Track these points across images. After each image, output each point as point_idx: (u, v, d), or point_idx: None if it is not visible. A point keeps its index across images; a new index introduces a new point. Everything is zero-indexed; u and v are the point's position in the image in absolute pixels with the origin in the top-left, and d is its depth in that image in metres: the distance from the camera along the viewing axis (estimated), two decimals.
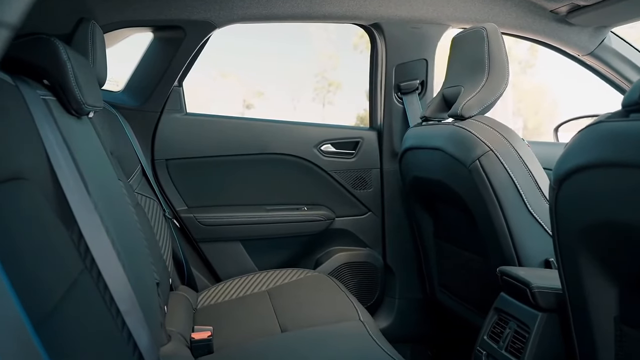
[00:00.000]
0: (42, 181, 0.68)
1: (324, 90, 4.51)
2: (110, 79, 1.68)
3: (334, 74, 4.66)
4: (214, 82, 4.23)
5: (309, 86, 4.54)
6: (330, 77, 4.44)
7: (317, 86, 4.51)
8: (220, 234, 1.74)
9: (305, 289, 1.48)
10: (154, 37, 1.63)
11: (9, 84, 0.68)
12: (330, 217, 1.84)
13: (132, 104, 1.64)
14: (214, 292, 1.51)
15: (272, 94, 4.58)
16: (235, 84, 4.48)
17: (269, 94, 4.40)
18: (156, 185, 1.62)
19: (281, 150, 1.78)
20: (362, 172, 1.86)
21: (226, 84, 4.38)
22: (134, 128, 1.57)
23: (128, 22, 1.50)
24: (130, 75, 1.68)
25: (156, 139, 1.67)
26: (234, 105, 5.57)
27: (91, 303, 0.69)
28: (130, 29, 1.56)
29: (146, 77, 1.65)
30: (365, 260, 1.86)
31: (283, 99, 5.02)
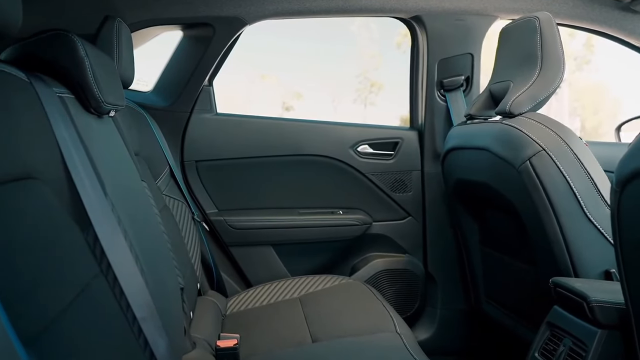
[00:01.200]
0: (56, 181, 0.67)
1: (366, 91, 4.47)
2: (139, 79, 1.70)
3: (376, 74, 4.61)
4: (253, 83, 4.27)
5: (350, 87, 4.51)
6: (372, 77, 4.39)
7: (359, 87, 4.47)
8: (251, 238, 1.73)
9: (339, 297, 1.44)
10: (184, 35, 1.64)
11: (22, 80, 0.68)
12: (367, 221, 1.80)
13: (161, 104, 1.66)
14: (244, 298, 1.49)
15: (311, 96, 4.58)
16: (274, 85, 4.52)
17: (308, 95, 4.40)
18: (185, 188, 1.62)
19: (315, 152, 1.76)
20: (402, 174, 1.81)
21: (265, 85, 4.42)
22: (163, 129, 1.58)
23: (156, 20, 1.51)
24: (159, 75, 1.70)
25: (186, 139, 1.68)
26: (272, 107, 5.62)
27: (105, 308, 0.68)
28: (159, 27, 1.57)
29: (175, 76, 1.66)
30: (405, 268, 1.81)
31: (323, 100, 5.00)
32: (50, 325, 0.53)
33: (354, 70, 4.59)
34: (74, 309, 0.59)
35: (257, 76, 4.28)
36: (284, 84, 4.43)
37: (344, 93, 4.46)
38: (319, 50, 4.52)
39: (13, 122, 0.60)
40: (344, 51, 4.36)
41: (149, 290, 0.79)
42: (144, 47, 1.68)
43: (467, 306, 1.77)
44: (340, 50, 4.34)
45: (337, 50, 4.38)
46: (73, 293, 0.60)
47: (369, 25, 3.99)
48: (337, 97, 4.54)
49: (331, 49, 4.51)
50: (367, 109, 4.78)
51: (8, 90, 0.63)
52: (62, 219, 0.65)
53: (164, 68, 1.68)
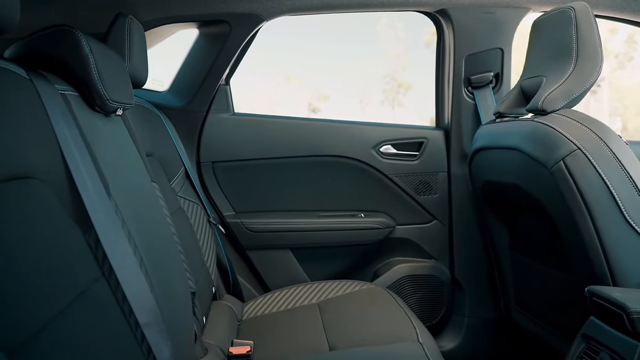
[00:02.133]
0: (56, 181, 0.66)
1: (393, 92, 4.42)
2: (155, 78, 1.70)
3: (404, 75, 4.56)
4: (278, 86, 4.29)
5: (378, 88, 4.47)
6: (399, 77, 4.34)
7: (386, 88, 4.43)
8: (269, 241, 1.71)
9: (359, 303, 1.41)
10: (199, 33, 1.64)
11: (22, 77, 0.67)
12: (390, 225, 1.76)
13: (177, 104, 1.65)
14: (261, 303, 1.47)
15: (338, 97, 4.58)
16: (300, 87, 4.53)
17: (335, 97, 4.39)
18: (201, 189, 1.62)
19: (336, 152, 1.73)
20: (427, 175, 1.78)
21: (291, 87, 4.44)
22: (179, 129, 1.58)
23: (171, 17, 1.50)
24: (175, 75, 1.70)
25: (202, 140, 1.67)
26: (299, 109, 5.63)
27: (107, 313, 0.66)
28: (174, 25, 1.56)
29: (191, 75, 1.65)
30: (430, 274, 1.77)
31: (350, 101, 4.98)
32: (42, 330, 0.52)
33: (380, 70, 4.55)
34: (71, 313, 0.57)
35: (282, 78, 4.30)
36: (310, 85, 4.43)
37: (371, 94, 4.43)
38: (345, 51, 4.50)
39: (11, 120, 0.60)
40: (371, 51, 4.33)
41: (154, 295, 0.77)
42: (160, 46, 1.69)
43: (496, 314, 1.73)
44: (366, 51, 4.31)
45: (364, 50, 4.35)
46: (71, 296, 0.59)
47: (395, 24, 3.95)
48: (364, 98, 4.51)
49: (357, 50, 4.48)
50: (395, 110, 4.73)
51: (6, 87, 0.62)
52: (62, 220, 0.64)
53: (179, 67, 1.68)
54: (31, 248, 0.55)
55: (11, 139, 0.58)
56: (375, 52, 4.34)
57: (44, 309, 0.54)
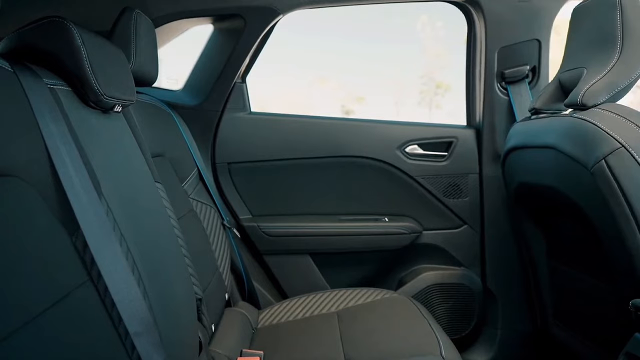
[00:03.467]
0: (40, 179, 0.64)
1: (431, 93, 4.35)
2: (170, 76, 1.69)
3: (443, 75, 4.49)
4: (311, 87, 4.30)
5: (414, 89, 4.42)
6: (438, 78, 4.27)
7: (423, 88, 4.36)
8: (287, 246, 1.69)
9: (381, 313, 1.36)
10: (214, 28, 1.62)
11: (4, 70, 0.65)
12: (416, 230, 1.72)
13: (191, 102, 1.64)
14: (277, 311, 1.44)
15: (373, 99, 4.55)
16: (334, 89, 4.53)
17: (370, 98, 4.36)
18: (216, 191, 1.60)
19: (358, 153, 1.70)
20: (457, 177, 1.72)
21: (324, 89, 4.44)
22: (193, 129, 1.57)
23: (182, 12, 1.49)
24: (190, 72, 1.69)
25: (217, 140, 1.66)
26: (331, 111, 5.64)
27: (92, 321, 0.64)
28: (188, 20, 1.54)
29: (206, 73, 1.64)
30: (460, 282, 1.71)
31: (385, 103, 4.95)
32: (13, 334, 0.50)
33: (417, 70, 4.50)
34: (48, 318, 0.55)
35: (315, 80, 4.31)
36: (344, 87, 4.43)
37: (408, 95, 4.39)
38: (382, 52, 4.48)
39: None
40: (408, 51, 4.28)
41: (147, 302, 0.75)
42: (176, 43, 1.68)
43: (532, 327, 1.66)
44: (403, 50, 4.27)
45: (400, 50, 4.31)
46: (48, 301, 0.56)
47: (434, 22, 3.90)
48: (400, 99, 4.47)
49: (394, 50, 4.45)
50: (432, 111, 4.66)
51: None
52: (45, 220, 0.62)
53: (194, 65, 1.67)
54: (5, 248, 0.53)
55: None
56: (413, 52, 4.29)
57: (16, 312, 0.52)
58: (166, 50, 1.64)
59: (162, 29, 1.47)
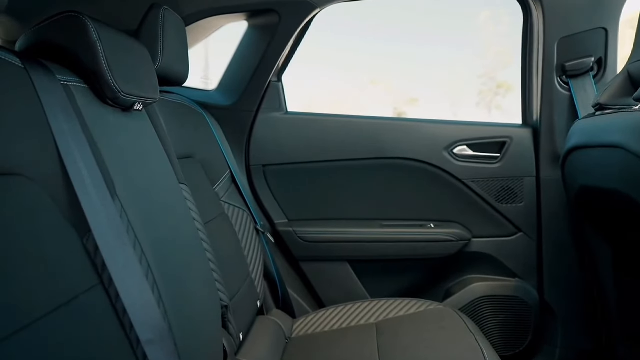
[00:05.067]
0: (49, 178, 0.64)
1: (491, 93, 4.23)
2: (204, 76, 1.70)
3: (504, 74, 4.36)
4: (360, 90, 4.30)
5: (473, 89, 4.32)
6: (498, 77, 4.16)
7: (482, 89, 4.26)
8: (325, 252, 1.66)
9: (423, 326, 1.31)
10: (248, 25, 1.62)
11: (15, 66, 0.65)
12: (465, 237, 1.66)
13: (225, 102, 1.65)
14: (313, 320, 1.42)
15: (427, 100, 4.50)
16: (385, 91, 4.51)
17: (424, 100, 4.31)
18: (251, 194, 1.60)
19: (402, 154, 1.65)
20: (511, 181, 1.65)
21: (375, 91, 4.43)
22: (227, 130, 1.57)
23: (215, 9, 1.49)
24: (224, 71, 1.69)
25: (252, 141, 1.65)
26: (382, 113, 5.62)
27: (101, 327, 0.64)
28: (220, 17, 1.54)
29: (240, 72, 1.64)
30: (513, 295, 1.64)
31: (441, 105, 4.87)
32: (10, 338, 0.50)
33: (476, 70, 4.40)
34: (51, 323, 0.55)
35: (365, 82, 4.30)
36: (396, 89, 4.40)
37: (465, 96, 4.30)
38: (436, 53, 4.41)
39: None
40: (466, 49, 4.20)
41: (164, 309, 0.74)
42: (212, 42, 1.69)
43: (595, 346, 1.57)
44: (461, 49, 4.19)
45: (457, 49, 4.24)
46: (51, 304, 0.56)
47: (499, 17, 3.80)
48: (457, 101, 4.38)
49: (450, 49, 4.38)
50: (492, 113, 4.54)
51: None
52: (54, 221, 0.62)
53: (228, 63, 1.67)
54: (8, 248, 0.54)
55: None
56: (471, 51, 4.20)
57: (17, 313, 0.52)
58: (200, 49, 1.66)
59: (195, 27, 1.48)
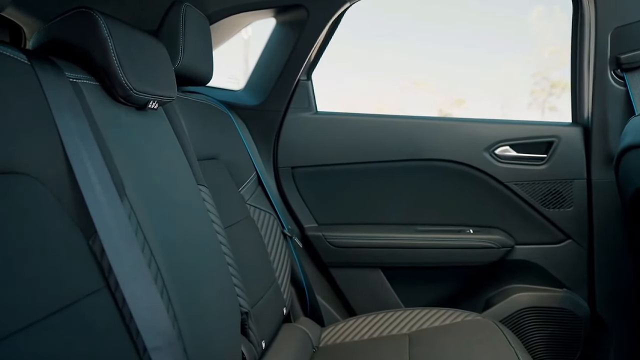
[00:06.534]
0: (55, 177, 0.65)
1: (544, 93, 4.11)
2: (231, 76, 1.71)
3: (559, 74, 4.23)
4: (404, 91, 4.27)
5: (525, 89, 4.22)
6: (553, 77, 4.03)
7: (535, 89, 4.14)
8: (356, 258, 1.64)
9: (459, 338, 1.27)
10: (276, 22, 1.61)
11: (20, 63, 0.66)
12: (507, 244, 1.60)
13: (252, 102, 1.65)
14: (342, 329, 1.40)
15: (476, 102, 4.42)
16: (430, 92, 4.46)
17: (472, 101, 4.24)
18: (279, 198, 1.60)
19: (439, 156, 1.62)
20: (558, 183, 1.59)
21: (419, 92, 4.39)
22: (254, 130, 1.57)
23: (241, 5, 1.48)
24: (251, 70, 1.69)
25: (280, 142, 1.65)
26: (426, 114, 5.59)
27: (106, 331, 0.64)
28: (246, 14, 1.53)
29: (267, 70, 1.64)
30: (561, 307, 1.56)
31: (490, 106, 4.76)
32: (10, 336, 0.50)
33: (529, 69, 4.29)
34: (53, 325, 0.56)
35: (410, 83, 4.27)
36: (441, 90, 4.34)
37: (517, 97, 4.20)
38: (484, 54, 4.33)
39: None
40: (516, 47, 4.10)
41: (173, 314, 0.74)
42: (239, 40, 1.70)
43: None
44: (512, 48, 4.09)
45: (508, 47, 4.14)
46: (54, 306, 0.57)
47: (553, 13, 3.68)
48: (507, 102, 4.28)
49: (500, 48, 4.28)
50: (546, 114, 4.41)
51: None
52: (59, 222, 0.63)
53: (256, 62, 1.67)
54: (9, 247, 0.55)
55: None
56: (523, 49, 4.10)
57: (16, 314, 0.52)
58: (226, 48, 1.67)
59: (220, 24, 1.49)
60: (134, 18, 1.00)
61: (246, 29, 1.89)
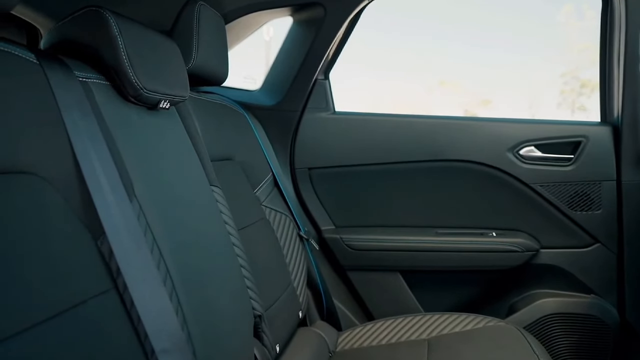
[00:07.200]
0: (62, 177, 0.66)
1: (574, 93, 4.06)
2: (247, 75, 1.71)
3: (589, 73, 4.17)
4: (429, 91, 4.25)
5: (554, 89, 4.17)
6: (583, 76, 3.98)
7: (564, 88, 4.09)
8: (375, 261, 1.63)
9: (479, 344, 1.24)
10: (293, 20, 1.60)
11: (28, 62, 0.67)
12: (532, 247, 1.57)
13: (268, 102, 1.64)
14: (360, 333, 1.39)
15: (502, 102, 4.39)
16: (455, 92, 4.44)
17: (498, 101, 4.21)
18: (296, 199, 1.59)
19: (461, 156, 1.59)
20: (586, 185, 1.56)
21: (445, 92, 4.37)
22: (270, 131, 1.57)
23: (257, 4, 1.47)
24: (268, 70, 1.69)
25: (297, 143, 1.64)
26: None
27: (113, 334, 0.64)
28: (263, 13, 1.52)
29: (284, 69, 1.63)
30: (588, 313, 1.52)
31: (517, 106, 4.72)
32: (6, 341, 0.51)
33: (558, 69, 4.24)
34: (54, 328, 0.56)
35: (435, 84, 4.26)
36: (467, 90, 4.31)
37: (545, 97, 4.16)
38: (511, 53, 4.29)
39: (4, 108, 0.59)
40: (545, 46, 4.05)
41: (182, 317, 0.74)
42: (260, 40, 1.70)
43: None
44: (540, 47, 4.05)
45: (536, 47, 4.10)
46: (59, 307, 0.57)
47: (582, 11, 3.63)
48: (535, 102, 4.24)
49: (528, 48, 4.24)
50: (576, 114, 4.34)
51: (7, 72, 0.62)
52: (66, 222, 0.63)
53: (272, 61, 1.67)
54: (15, 248, 0.55)
55: (0, 129, 0.58)
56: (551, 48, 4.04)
57: (15, 315, 0.52)
58: (245, 48, 1.67)
59: (236, 24, 1.48)
60: (149, 18, 1.00)
61: (268, 30, 1.89)
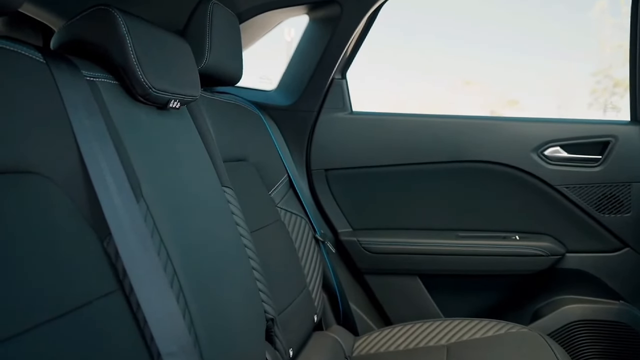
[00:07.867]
0: (68, 177, 0.66)
1: (606, 93, 3.98)
2: (262, 76, 1.71)
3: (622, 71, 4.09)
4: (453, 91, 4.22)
5: (585, 89, 4.10)
6: (616, 75, 3.90)
7: (596, 88, 4.02)
8: (393, 265, 1.61)
9: (501, 351, 1.22)
10: (309, 19, 1.59)
11: (35, 61, 0.67)
12: (557, 251, 1.54)
13: (284, 102, 1.64)
14: (377, 338, 1.37)
15: (530, 102, 4.33)
16: (480, 92, 4.41)
17: (526, 101, 4.15)
18: (312, 201, 1.58)
19: (483, 157, 1.57)
20: (615, 187, 1.52)
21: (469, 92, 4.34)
22: (286, 131, 1.57)
23: (272, 3, 1.46)
24: (284, 70, 1.69)
25: (313, 144, 1.63)
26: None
27: (118, 336, 0.64)
28: (278, 11, 1.51)
29: (300, 69, 1.62)
30: (617, 320, 1.47)
31: (545, 106, 4.65)
32: (9, 341, 0.51)
33: (589, 68, 4.17)
34: (60, 327, 0.56)
35: (460, 83, 4.23)
36: (494, 91, 4.27)
37: (576, 96, 4.09)
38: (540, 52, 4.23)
39: (10, 107, 0.60)
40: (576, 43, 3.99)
41: (190, 319, 0.74)
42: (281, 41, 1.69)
43: None
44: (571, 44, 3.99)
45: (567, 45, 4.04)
46: (59, 308, 0.57)
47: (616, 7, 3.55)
48: (565, 102, 4.18)
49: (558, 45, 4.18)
50: (607, 114, 4.28)
51: (12, 71, 0.63)
52: (71, 222, 0.64)
53: (288, 61, 1.66)
54: (19, 248, 0.56)
55: (7, 129, 0.59)
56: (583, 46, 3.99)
57: (17, 315, 0.53)
58: (262, 48, 1.67)
59: (251, 23, 1.48)
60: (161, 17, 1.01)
61: (289, 31, 1.89)
